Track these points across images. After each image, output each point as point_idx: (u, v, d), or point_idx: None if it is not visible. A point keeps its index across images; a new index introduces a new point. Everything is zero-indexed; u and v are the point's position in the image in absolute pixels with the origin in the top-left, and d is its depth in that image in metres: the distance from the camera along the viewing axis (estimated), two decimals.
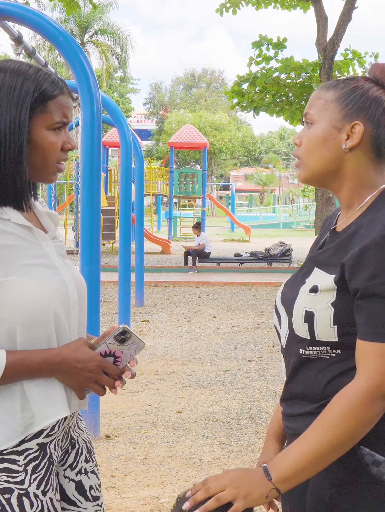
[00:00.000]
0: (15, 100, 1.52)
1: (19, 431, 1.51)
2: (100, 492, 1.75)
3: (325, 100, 1.51)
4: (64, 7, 9.16)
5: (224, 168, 57.72)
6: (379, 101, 1.48)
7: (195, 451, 4.43)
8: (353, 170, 1.51)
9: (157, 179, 25.52)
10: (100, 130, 4.67)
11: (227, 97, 11.88)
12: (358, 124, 1.47)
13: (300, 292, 1.49)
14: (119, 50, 38.58)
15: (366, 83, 1.50)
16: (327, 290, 1.44)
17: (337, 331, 1.43)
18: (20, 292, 1.49)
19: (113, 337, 1.56)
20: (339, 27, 10.86)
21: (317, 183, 1.57)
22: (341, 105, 1.49)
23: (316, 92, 1.55)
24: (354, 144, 1.48)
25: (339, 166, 1.51)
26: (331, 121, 1.49)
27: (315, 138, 1.51)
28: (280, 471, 1.39)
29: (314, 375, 1.49)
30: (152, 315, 9.77)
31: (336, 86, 1.51)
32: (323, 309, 1.44)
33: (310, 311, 1.45)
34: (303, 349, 1.49)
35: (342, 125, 1.49)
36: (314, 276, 1.49)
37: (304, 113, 1.54)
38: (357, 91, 1.49)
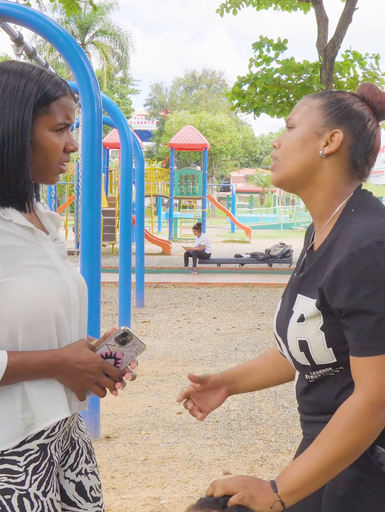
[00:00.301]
0: (19, 101, 1.52)
1: (20, 432, 1.51)
2: (100, 493, 1.75)
3: (310, 106, 1.53)
4: (64, 8, 9.16)
5: (224, 169, 57.73)
6: (362, 115, 1.51)
7: (195, 452, 4.43)
8: (326, 178, 1.51)
9: (157, 180, 25.53)
10: (100, 131, 4.67)
11: (228, 99, 11.88)
12: (338, 132, 1.49)
13: (290, 323, 1.52)
14: (119, 51, 38.60)
15: (352, 98, 1.53)
16: (313, 316, 1.46)
17: (333, 352, 1.46)
18: (21, 293, 1.49)
19: (114, 339, 1.56)
20: (340, 28, 10.86)
21: (290, 186, 1.57)
22: (325, 112, 1.51)
23: (302, 100, 1.57)
24: (332, 151, 1.49)
25: (314, 172, 1.51)
26: (312, 126, 1.51)
27: (294, 140, 1.52)
28: (286, 485, 1.41)
29: (324, 390, 1.52)
30: (153, 316, 9.76)
31: (323, 95, 1.54)
32: (314, 336, 1.46)
33: (302, 340, 1.48)
34: (308, 375, 1.53)
35: (322, 131, 1.51)
36: (299, 304, 1.52)
37: (287, 119, 1.57)
38: (342, 102, 1.52)
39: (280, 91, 11.42)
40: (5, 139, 1.51)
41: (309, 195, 1.55)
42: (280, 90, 11.38)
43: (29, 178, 1.55)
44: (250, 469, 4.14)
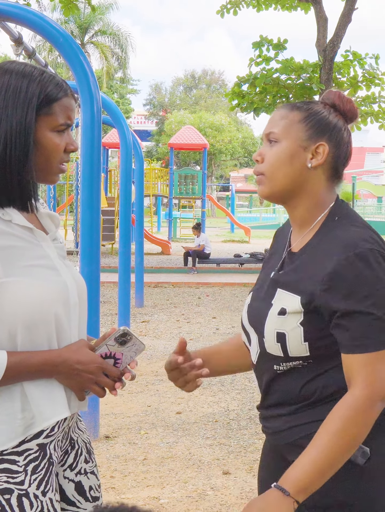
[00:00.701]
0: (21, 102, 1.53)
1: (19, 431, 1.51)
2: (99, 493, 1.75)
3: (291, 120, 1.61)
4: (62, 9, 9.16)
5: (224, 169, 57.70)
6: (338, 126, 1.62)
7: (194, 451, 4.43)
8: (312, 188, 1.62)
9: (157, 180, 25.52)
10: (100, 131, 4.68)
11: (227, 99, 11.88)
12: (323, 145, 1.59)
13: (269, 315, 1.60)
14: (119, 51, 38.57)
15: (326, 108, 1.63)
16: (295, 312, 1.55)
17: (308, 347, 1.55)
18: (21, 293, 1.49)
19: (114, 339, 1.56)
20: (339, 28, 10.86)
21: (279, 198, 1.65)
22: (306, 126, 1.60)
23: (279, 113, 1.64)
24: (320, 163, 1.59)
25: (301, 183, 1.61)
26: (297, 140, 1.59)
27: (282, 155, 1.59)
28: (296, 484, 1.45)
29: (289, 383, 1.60)
30: (152, 316, 9.77)
31: (300, 108, 1.62)
32: (293, 329, 1.55)
33: (281, 332, 1.56)
34: (277, 365, 1.60)
35: (307, 144, 1.59)
36: (280, 298, 1.60)
37: (267, 132, 1.62)
38: (320, 115, 1.61)
39: (279, 91, 11.41)
40: (8, 139, 1.52)
41: (294, 204, 1.64)
42: (279, 90, 11.38)
43: (32, 178, 1.56)
44: (250, 468, 4.14)
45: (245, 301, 1.77)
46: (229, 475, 4.03)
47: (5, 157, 1.52)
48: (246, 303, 1.75)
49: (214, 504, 3.63)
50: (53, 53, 34.17)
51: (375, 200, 45.40)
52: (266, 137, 1.63)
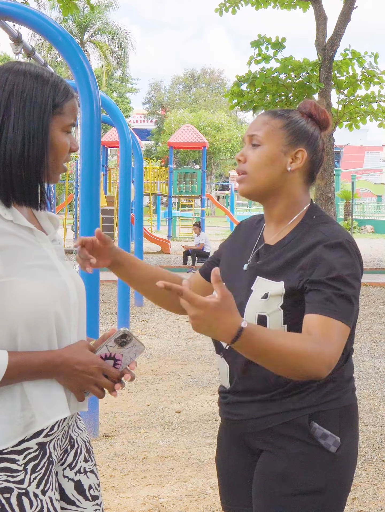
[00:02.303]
0: (38, 103, 1.58)
1: (19, 431, 1.51)
2: (99, 492, 1.76)
3: (273, 126, 1.76)
4: (61, 8, 9.15)
5: (223, 168, 57.72)
6: (315, 134, 1.79)
7: (194, 450, 4.44)
8: (290, 189, 1.77)
9: (156, 178, 25.52)
10: (99, 129, 4.67)
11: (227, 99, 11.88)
12: (302, 151, 1.76)
13: (250, 299, 1.72)
14: (118, 50, 38.55)
15: (304, 117, 1.80)
16: (276, 295, 1.67)
17: (286, 329, 1.67)
18: (22, 293, 1.50)
19: (114, 340, 1.56)
20: (339, 27, 10.86)
21: (258, 196, 1.79)
22: (287, 133, 1.75)
23: (262, 118, 1.79)
24: (298, 167, 1.76)
25: (281, 184, 1.76)
26: (279, 145, 1.75)
27: (264, 158, 1.74)
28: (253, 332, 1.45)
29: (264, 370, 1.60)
30: (151, 315, 9.77)
31: (281, 116, 1.77)
32: (274, 312, 1.67)
33: (262, 315, 1.68)
34: None
35: (287, 149, 1.75)
36: (260, 284, 1.73)
37: (251, 134, 1.77)
38: (299, 123, 1.77)
39: (279, 90, 11.42)
40: (26, 139, 1.56)
41: (272, 203, 1.80)
42: (279, 89, 11.38)
43: (47, 178, 1.61)
44: None
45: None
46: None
47: (23, 156, 1.56)
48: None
49: (214, 503, 3.63)
50: (52, 52, 34.16)
51: (374, 199, 45.40)
52: (249, 139, 1.77)
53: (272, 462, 1.72)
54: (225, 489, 1.93)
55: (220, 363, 1.81)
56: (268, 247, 1.79)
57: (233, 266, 1.85)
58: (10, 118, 1.56)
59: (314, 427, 1.69)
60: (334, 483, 1.70)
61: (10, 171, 1.55)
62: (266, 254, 1.78)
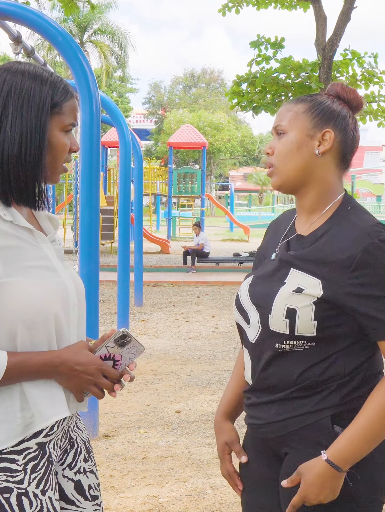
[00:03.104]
0: (36, 102, 1.57)
1: (19, 431, 1.51)
2: (99, 492, 1.76)
3: (295, 111, 1.67)
4: (62, 8, 9.14)
5: (223, 168, 57.71)
6: (343, 113, 1.68)
7: (194, 450, 4.44)
8: (322, 175, 1.67)
9: (156, 178, 25.52)
10: (99, 129, 4.67)
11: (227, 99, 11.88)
12: (329, 131, 1.65)
13: (281, 291, 1.62)
14: (118, 50, 38.54)
15: (330, 98, 1.70)
16: (311, 291, 1.58)
17: (317, 326, 1.58)
18: (21, 293, 1.50)
19: (113, 341, 1.56)
20: (338, 27, 10.86)
21: (290, 187, 1.70)
22: (312, 115, 1.66)
23: (285, 107, 1.71)
24: (327, 149, 1.65)
25: (311, 171, 1.66)
26: (304, 129, 1.65)
27: (289, 145, 1.66)
28: (346, 456, 1.53)
29: (288, 366, 1.61)
30: (151, 315, 9.77)
31: (304, 100, 1.69)
32: (305, 307, 1.58)
33: (292, 308, 1.58)
34: (279, 343, 1.61)
35: (313, 132, 1.65)
36: (294, 277, 1.62)
37: (275, 126, 1.70)
38: (324, 104, 1.67)
39: (278, 90, 11.42)
40: (23, 139, 1.56)
41: (305, 192, 1.69)
42: (279, 89, 11.38)
43: (45, 177, 1.60)
44: None
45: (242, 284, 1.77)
46: None
47: (21, 156, 1.55)
48: (245, 283, 1.75)
49: (214, 503, 3.63)
50: (52, 52, 34.14)
51: (374, 199, 45.38)
52: (275, 131, 1.69)
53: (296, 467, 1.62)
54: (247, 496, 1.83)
55: (246, 358, 1.75)
56: (300, 237, 1.69)
57: (262, 255, 1.80)
58: (8, 117, 1.55)
59: (336, 431, 1.60)
60: (364, 487, 1.60)
61: (7, 171, 1.55)
62: (298, 245, 1.68)
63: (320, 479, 1.54)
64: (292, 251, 1.68)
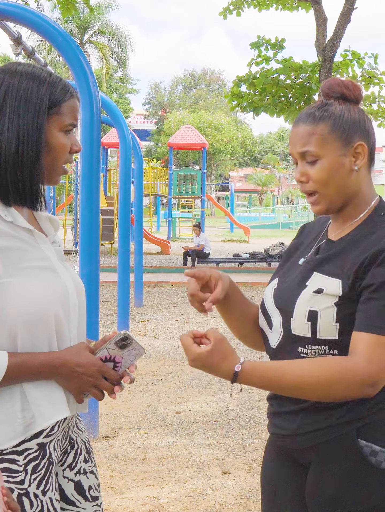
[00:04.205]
0: (33, 102, 1.57)
1: (19, 431, 1.51)
2: (99, 492, 1.76)
3: (321, 134, 1.60)
4: (60, 9, 9.13)
5: (223, 169, 57.71)
6: (361, 118, 1.63)
7: (194, 451, 4.43)
8: (359, 186, 1.64)
9: (156, 179, 25.52)
10: (99, 130, 4.68)
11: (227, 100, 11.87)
12: (361, 144, 1.61)
13: (302, 293, 1.60)
14: (118, 51, 38.54)
15: (341, 104, 1.63)
16: (331, 292, 1.56)
17: (339, 329, 1.55)
18: (22, 293, 1.50)
19: (114, 343, 1.56)
20: (339, 28, 10.85)
21: (336, 209, 1.66)
22: (339, 134, 1.60)
23: (304, 129, 1.62)
24: (364, 162, 1.62)
25: (351, 187, 1.63)
26: (336, 151, 1.60)
27: (328, 171, 1.60)
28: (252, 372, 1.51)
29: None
30: (151, 316, 9.77)
31: (322, 118, 1.61)
32: (327, 308, 1.56)
33: (313, 310, 1.56)
34: (302, 348, 1.59)
35: (346, 150, 1.60)
36: (316, 280, 1.60)
37: (301, 151, 1.62)
38: (343, 116, 1.61)
39: (279, 91, 11.40)
40: (20, 139, 1.55)
41: (345, 205, 1.66)
42: (279, 89, 11.37)
43: (42, 178, 1.59)
44: (249, 468, 4.14)
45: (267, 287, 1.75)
46: (228, 475, 4.03)
47: (18, 156, 1.55)
48: (270, 287, 1.73)
49: (214, 504, 3.63)
50: (52, 52, 34.13)
51: None
52: (301, 157, 1.63)
53: (322, 482, 1.60)
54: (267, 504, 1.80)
55: None
56: (330, 242, 1.68)
57: (290, 260, 1.76)
58: (5, 118, 1.55)
59: (360, 445, 1.55)
60: None
61: (5, 171, 1.55)
62: (326, 249, 1.67)
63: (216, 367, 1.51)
64: (320, 255, 1.67)
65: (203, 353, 1.48)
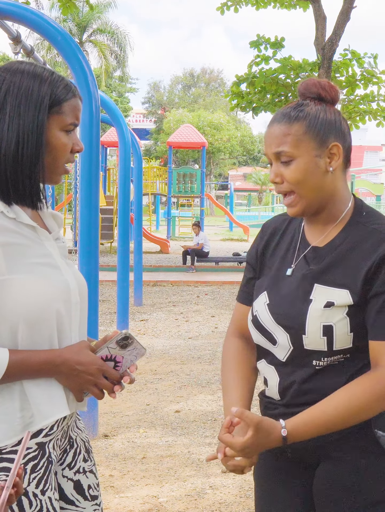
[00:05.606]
0: (34, 101, 1.56)
1: (18, 430, 1.51)
2: (98, 492, 1.75)
3: (295, 134, 1.58)
4: (60, 7, 9.12)
5: (222, 168, 57.72)
6: (337, 119, 1.61)
7: (193, 450, 4.43)
8: (335, 187, 1.62)
9: (155, 178, 25.51)
10: (98, 129, 4.67)
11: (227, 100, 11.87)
12: (335, 145, 1.59)
13: (311, 310, 1.58)
14: (117, 50, 38.52)
15: (317, 105, 1.61)
16: (342, 305, 1.56)
17: (353, 337, 1.56)
18: (23, 290, 1.50)
19: (115, 342, 1.56)
20: (338, 27, 10.85)
21: (312, 211, 1.64)
22: (313, 134, 1.58)
23: (278, 129, 1.60)
24: (339, 163, 1.60)
25: (326, 187, 1.61)
26: (311, 151, 1.58)
27: (303, 171, 1.58)
28: (296, 429, 1.52)
29: (331, 379, 1.58)
30: (151, 315, 9.77)
31: (297, 118, 1.59)
32: (340, 320, 1.55)
33: (328, 325, 1.56)
34: (317, 361, 1.58)
35: (321, 151, 1.59)
36: (320, 292, 1.59)
37: (275, 152, 1.60)
38: (318, 116, 1.59)
39: (278, 90, 11.40)
40: (20, 138, 1.55)
41: (322, 207, 1.64)
42: (278, 89, 11.36)
43: (42, 177, 1.59)
44: None
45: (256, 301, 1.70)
46: (228, 473, 4.04)
47: (18, 155, 1.55)
48: (260, 302, 1.68)
49: (213, 503, 3.63)
50: (52, 51, 34.11)
51: (373, 199, 45.39)
52: (276, 157, 1.61)
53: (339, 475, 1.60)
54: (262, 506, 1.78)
55: (269, 373, 1.68)
56: (316, 249, 1.65)
57: (274, 273, 1.70)
58: (5, 116, 1.55)
59: (378, 435, 1.57)
60: None
61: (5, 170, 1.55)
62: (317, 258, 1.64)
63: (266, 445, 1.53)
64: (313, 265, 1.63)
65: (247, 441, 1.50)
